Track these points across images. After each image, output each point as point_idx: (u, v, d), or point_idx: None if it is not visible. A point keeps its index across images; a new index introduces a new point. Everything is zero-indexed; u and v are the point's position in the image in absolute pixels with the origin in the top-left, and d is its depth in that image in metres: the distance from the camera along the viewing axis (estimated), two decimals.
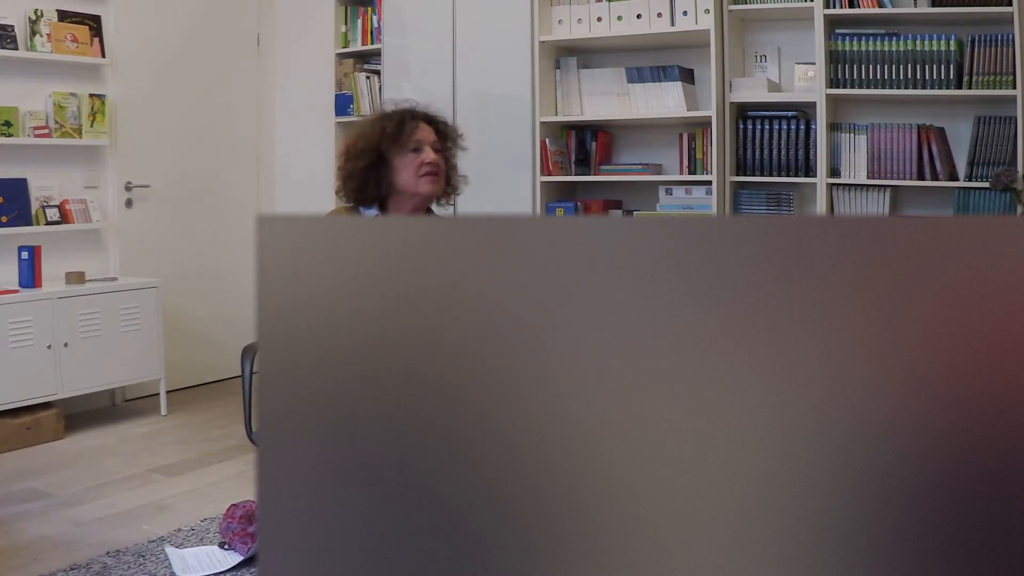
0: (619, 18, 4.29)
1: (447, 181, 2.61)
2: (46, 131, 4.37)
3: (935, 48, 3.76)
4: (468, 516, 0.55)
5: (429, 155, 2.51)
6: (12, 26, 4.26)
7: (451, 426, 0.55)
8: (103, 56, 4.61)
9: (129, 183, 4.83)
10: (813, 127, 4.00)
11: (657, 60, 4.36)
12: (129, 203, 4.85)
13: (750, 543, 0.53)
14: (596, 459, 0.54)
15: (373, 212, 2.55)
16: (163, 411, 4.57)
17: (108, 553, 2.83)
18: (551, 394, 0.54)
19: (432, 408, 0.55)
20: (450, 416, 0.55)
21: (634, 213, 4.48)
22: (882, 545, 0.52)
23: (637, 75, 4.30)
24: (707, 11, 4.08)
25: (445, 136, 2.60)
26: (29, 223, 4.34)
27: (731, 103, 4.14)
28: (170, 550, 2.82)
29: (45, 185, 4.44)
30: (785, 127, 4.07)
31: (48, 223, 4.39)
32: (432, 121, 2.58)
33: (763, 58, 4.25)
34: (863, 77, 3.88)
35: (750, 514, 0.53)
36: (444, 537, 0.55)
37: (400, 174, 2.50)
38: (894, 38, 3.83)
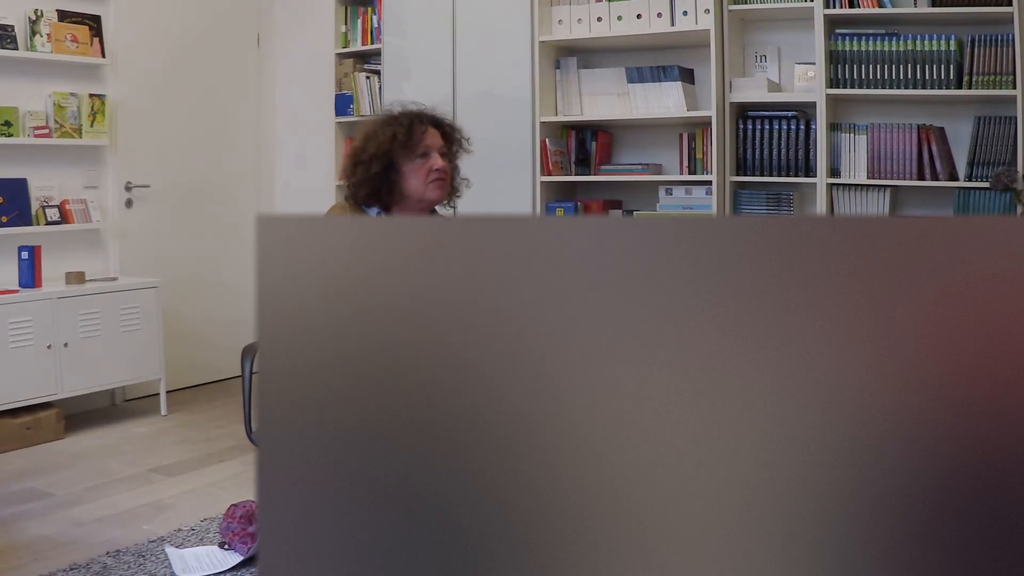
0: (619, 18, 4.29)
1: (451, 184, 2.62)
2: (46, 131, 4.37)
3: (935, 48, 3.76)
4: (468, 517, 0.55)
5: (437, 161, 2.52)
6: (12, 26, 4.26)
7: (451, 426, 0.55)
8: (103, 56, 4.61)
9: (129, 183, 4.83)
10: (813, 127, 4.00)
11: (657, 60, 4.36)
12: (129, 203, 4.85)
13: (751, 544, 0.53)
14: (597, 460, 0.54)
15: (374, 212, 2.56)
16: (163, 411, 4.57)
17: (108, 553, 2.83)
18: (550, 394, 0.54)
19: (432, 408, 0.55)
20: (450, 416, 0.55)
21: (634, 213, 4.48)
22: (884, 545, 0.52)
23: (637, 75, 4.30)
24: (707, 11, 4.08)
25: (451, 139, 2.61)
26: (29, 223, 4.34)
27: (731, 103, 4.14)
28: (170, 550, 2.82)
29: (45, 185, 4.44)
30: (785, 127, 4.07)
31: (48, 223, 4.39)
32: (439, 125, 2.59)
33: (763, 58, 4.25)
34: (863, 77, 3.88)
35: (751, 514, 0.53)
36: (444, 538, 0.55)
37: (408, 180, 2.51)
38: (894, 38, 3.82)
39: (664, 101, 4.24)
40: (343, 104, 5.17)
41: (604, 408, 0.54)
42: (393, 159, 2.50)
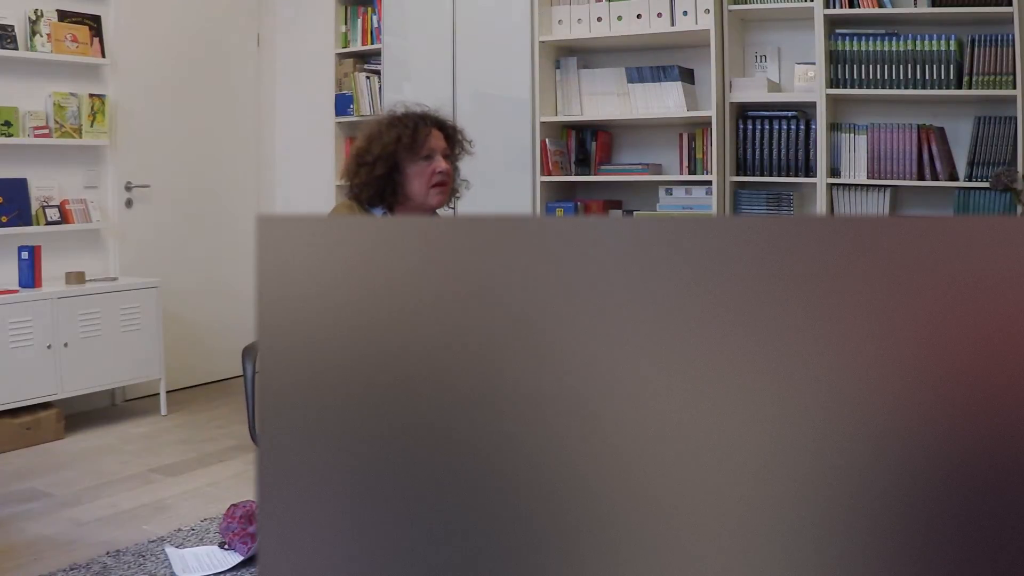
0: (619, 18, 4.29)
1: (453, 187, 2.62)
2: (46, 131, 4.37)
3: (935, 48, 3.76)
4: (469, 516, 0.55)
5: (440, 164, 2.51)
6: (12, 26, 4.26)
7: (451, 425, 0.55)
8: (103, 56, 4.61)
9: (129, 183, 4.83)
10: (813, 127, 4.00)
11: (657, 60, 4.36)
12: (129, 203, 4.85)
13: (751, 543, 0.53)
14: (595, 460, 0.54)
15: (379, 212, 2.56)
16: (163, 411, 4.57)
17: (108, 553, 2.83)
18: (549, 395, 0.54)
19: (432, 407, 0.55)
20: (450, 415, 0.55)
21: (634, 213, 4.48)
22: (885, 545, 0.52)
23: (637, 75, 4.30)
24: (707, 11, 4.08)
25: (454, 142, 2.61)
26: (29, 223, 4.34)
27: (731, 103, 4.14)
28: (170, 550, 2.82)
29: (45, 185, 4.44)
30: (785, 127, 4.07)
31: (48, 223, 4.39)
32: (443, 126, 2.59)
33: (763, 58, 4.25)
34: (863, 77, 3.88)
35: (751, 514, 0.53)
36: (445, 537, 0.55)
37: (412, 182, 2.51)
38: (894, 38, 3.82)
39: (664, 101, 4.24)
40: (343, 104, 5.17)
41: (604, 408, 0.54)
42: (397, 160, 2.49)
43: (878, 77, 3.85)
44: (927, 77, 3.77)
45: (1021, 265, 0.50)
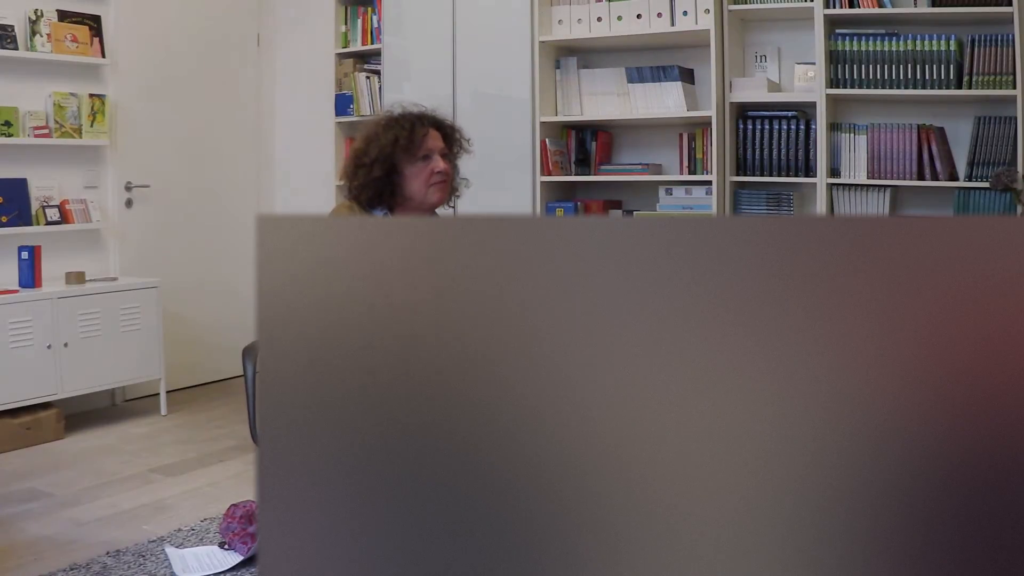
0: (619, 18, 4.29)
1: (451, 185, 2.62)
2: (46, 131, 4.37)
3: (935, 48, 3.76)
4: (470, 516, 0.55)
5: (439, 164, 2.52)
6: (12, 26, 4.26)
7: (451, 425, 0.55)
8: (103, 56, 4.61)
9: (129, 183, 4.83)
10: (813, 127, 4.00)
11: (657, 60, 4.36)
12: (129, 203, 4.85)
13: (751, 542, 0.53)
14: (595, 458, 0.54)
15: (381, 212, 2.56)
16: (163, 411, 4.57)
17: (108, 553, 2.83)
18: (549, 394, 0.54)
19: (432, 407, 0.55)
20: (450, 415, 0.55)
21: (634, 213, 4.48)
22: (885, 545, 0.52)
23: (637, 75, 4.30)
24: (707, 11, 4.08)
25: (452, 141, 2.61)
26: (29, 223, 4.34)
27: (731, 103, 4.14)
28: (170, 550, 2.82)
29: (45, 185, 4.44)
30: (785, 127, 4.07)
31: (48, 223, 4.39)
32: (440, 126, 2.59)
33: (763, 58, 4.25)
34: (863, 77, 3.88)
35: (751, 514, 0.53)
36: (446, 537, 0.55)
37: (410, 183, 2.52)
38: (894, 38, 3.83)
39: (664, 101, 4.24)
40: (343, 104, 5.17)
41: (604, 407, 0.54)
42: (395, 162, 2.50)
43: (878, 77, 3.85)
44: (927, 77, 3.77)
45: (1021, 265, 0.50)
